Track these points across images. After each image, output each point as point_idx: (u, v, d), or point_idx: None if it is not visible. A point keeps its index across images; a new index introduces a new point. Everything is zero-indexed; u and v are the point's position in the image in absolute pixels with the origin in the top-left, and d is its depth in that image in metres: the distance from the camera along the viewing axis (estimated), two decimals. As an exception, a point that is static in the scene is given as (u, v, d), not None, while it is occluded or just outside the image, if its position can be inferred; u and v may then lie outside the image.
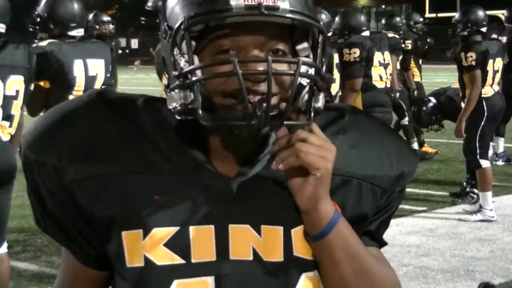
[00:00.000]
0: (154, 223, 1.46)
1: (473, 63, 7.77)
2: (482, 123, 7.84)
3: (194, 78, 1.38)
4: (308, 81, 1.43)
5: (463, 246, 6.89)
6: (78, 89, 5.40)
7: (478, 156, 7.82)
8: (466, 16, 8.17)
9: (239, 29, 1.39)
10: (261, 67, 1.37)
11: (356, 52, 7.52)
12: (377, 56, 7.73)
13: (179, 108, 1.40)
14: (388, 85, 7.89)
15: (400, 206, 1.66)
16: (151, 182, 1.46)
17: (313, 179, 1.41)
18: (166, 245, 1.45)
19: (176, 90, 1.40)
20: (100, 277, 1.58)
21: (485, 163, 7.83)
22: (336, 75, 7.92)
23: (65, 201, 1.49)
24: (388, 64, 7.86)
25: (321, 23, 1.47)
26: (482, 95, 7.85)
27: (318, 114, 1.43)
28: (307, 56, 1.46)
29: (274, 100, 1.40)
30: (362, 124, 1.58)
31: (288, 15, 1.38)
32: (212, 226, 1.46)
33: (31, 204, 1.54)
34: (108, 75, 5.81)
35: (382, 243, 1.64)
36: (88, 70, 5.48)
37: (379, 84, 7.74)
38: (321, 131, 1.43)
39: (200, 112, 1.38)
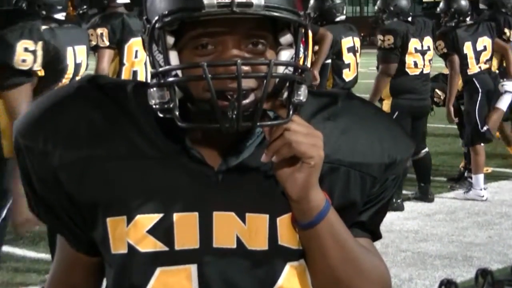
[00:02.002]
0: (138, 210, 1.46)
1: (444, 50, 7.99)
2: (479, 99, 7.95)
3: (169, 79, 1.39)
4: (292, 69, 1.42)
5: (461, 231, 6.89)
6: (68, 76, 5.32)
7: (479, 127, 7.95)
8: (449, 6, 8.22)
9: (216, 24, 1.38)
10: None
11: (390, 39, 7.53)
12: (414, 43, 7.64)
13: (157, 106, 1.41)
14: (426, 71, 7.76)
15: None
16: (136, 167, 1.47)
17: (307, 167, 1.40)
18: (149, 231, 1.45)
19: (154, 88, 1.40)
20: (93, 263, 1.58)
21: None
22: (352, 59, 7.90)
23: (53, 186, 1.50)
24: (428, 50, 7.75)
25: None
26: (469, 74, 7.99)
27: (301, 106, 1.43)
28: (290, 46, 1.45)
29: (251, 98, 1.39)
30: (355, 110, 1.56)
31: (262, 12, 1.35)
32: (196, 213, 1.46)
33: (24, 189, 1.56)
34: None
35: (377, 235, 1.61)
36: (76, 57, 5.41)
37: (412, 71, 7.66)
38: (302, 119, 1.42)
39: (177, 113, 1.38)
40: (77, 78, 5.37)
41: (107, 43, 5.81)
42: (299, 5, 1.59)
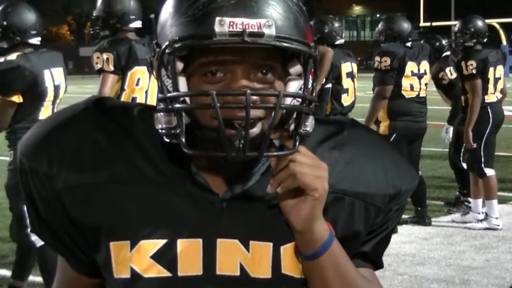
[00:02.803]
0: (142, 235, 1.45)
1: (474, 71, 7.81)
2: (488, 130, 7.86)
3: (176, 105, 1.39)
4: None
5: (458, 255, 6.89)
6: (49, 99, 5.34)
7: (483, 165, 7.83)
8: (469, 26, 8.15)
9: (226, 53, 1.38)
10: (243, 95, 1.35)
11: (387, 60, 7.58)
12: (410, 66, 7.71)
13: (164, 131, 1.41)
14: (422, 95, 7.84)
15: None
16: (140, 192, 1.46)
17: (311, 199, 1.40)
18: (152, 257, 1.45)
19: (161, 113, 1.40)
20: (95, 284, 1.58)
21: (489, 172, 7.87)
22: (350, 84, 7.94)
23: (56, 208, 1.49)
24: (425, 74, 7.82)
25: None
26: (486, 101, 7.88)
27: (307, 137, 1.43)
28: (299, 76, 1.44)
29: (258, 128, 1.39)
30: (361, 139, 1.56)
31: (273, 42, 1.35)
32: (200, 240, 1.45)
33: (26, 209, 1.55)
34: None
35: (378, 265, 1.61)
36: (54, 79, 5.41)
37: (408, 94, 7.74)
38: (308, 150, 1.41)
39: (183, 140, 1.38)
40: (58, 100, 5.40)
41: (112, 68, 5.84)
42: (310, 35, 1.56)
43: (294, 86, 1.44)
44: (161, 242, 1.45)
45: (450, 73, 8.87)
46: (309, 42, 1.41)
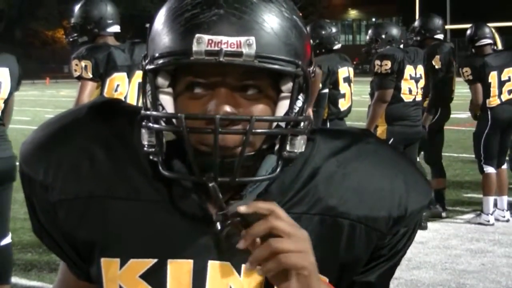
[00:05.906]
0: (132, 254, 1.42)
1: (470, 77, 8.18)
2: (486, 131, 8.19)
3: (151, 125, 1.35)
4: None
5: (454, 259, 6.89)
6: None
7: (482, 162, 8.24)
8: (471, 31, 8.55)
9: (206, 70, 1.33)
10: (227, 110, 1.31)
11: (388, 64, 7.56)
12: (409, 69, 7.72)
13: (145, 148, 1.38)
14: (418, 99, 7.87)
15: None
16: (133, 209, 1.43)
17: (303, 278, 1.28)
18: (142, 276, 1.42)
19: (144, 130, 1.38)
20: None
21: (488, 169, 8.21)
22: (347, 89, 7.94)
23: (54, 218, 1.47)
24: (420, 78, 7.85)
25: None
26: (488, 106, 8.20)
27: (294, 159, 1.38)
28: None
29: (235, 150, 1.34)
30: (369, 155, 1.48)
31: (251, 63, 1.29)
32: (191, 261, 1.41)
33: (28, 211, 1.53)
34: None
35: None
36: None
37: (407, 98, 7.74)
38: (285, 213, 1.29)
39: (161, 159, 1.35)
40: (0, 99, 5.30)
41: (90, 76, 5.82)
42: (306, 50, 1.41)
43: (284, 106, 1.37)
44: (150, 262, 1.42)
45: None
46: (296, 61, 1.34)
